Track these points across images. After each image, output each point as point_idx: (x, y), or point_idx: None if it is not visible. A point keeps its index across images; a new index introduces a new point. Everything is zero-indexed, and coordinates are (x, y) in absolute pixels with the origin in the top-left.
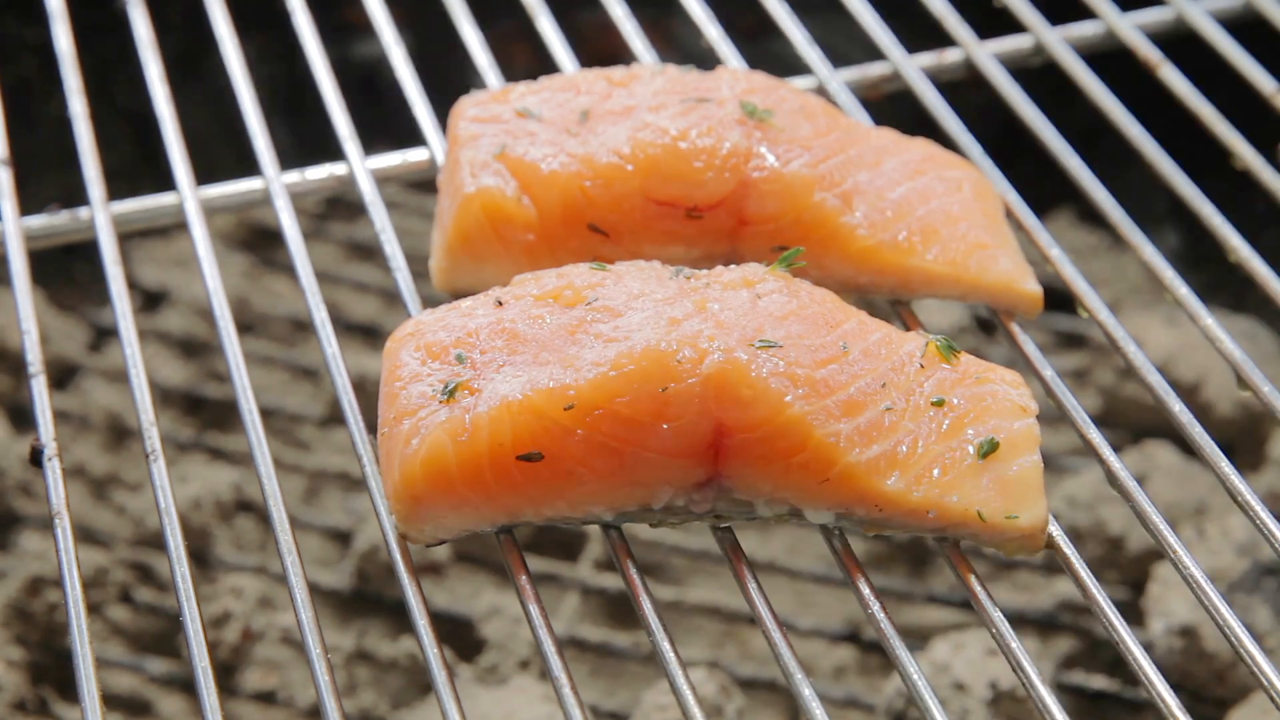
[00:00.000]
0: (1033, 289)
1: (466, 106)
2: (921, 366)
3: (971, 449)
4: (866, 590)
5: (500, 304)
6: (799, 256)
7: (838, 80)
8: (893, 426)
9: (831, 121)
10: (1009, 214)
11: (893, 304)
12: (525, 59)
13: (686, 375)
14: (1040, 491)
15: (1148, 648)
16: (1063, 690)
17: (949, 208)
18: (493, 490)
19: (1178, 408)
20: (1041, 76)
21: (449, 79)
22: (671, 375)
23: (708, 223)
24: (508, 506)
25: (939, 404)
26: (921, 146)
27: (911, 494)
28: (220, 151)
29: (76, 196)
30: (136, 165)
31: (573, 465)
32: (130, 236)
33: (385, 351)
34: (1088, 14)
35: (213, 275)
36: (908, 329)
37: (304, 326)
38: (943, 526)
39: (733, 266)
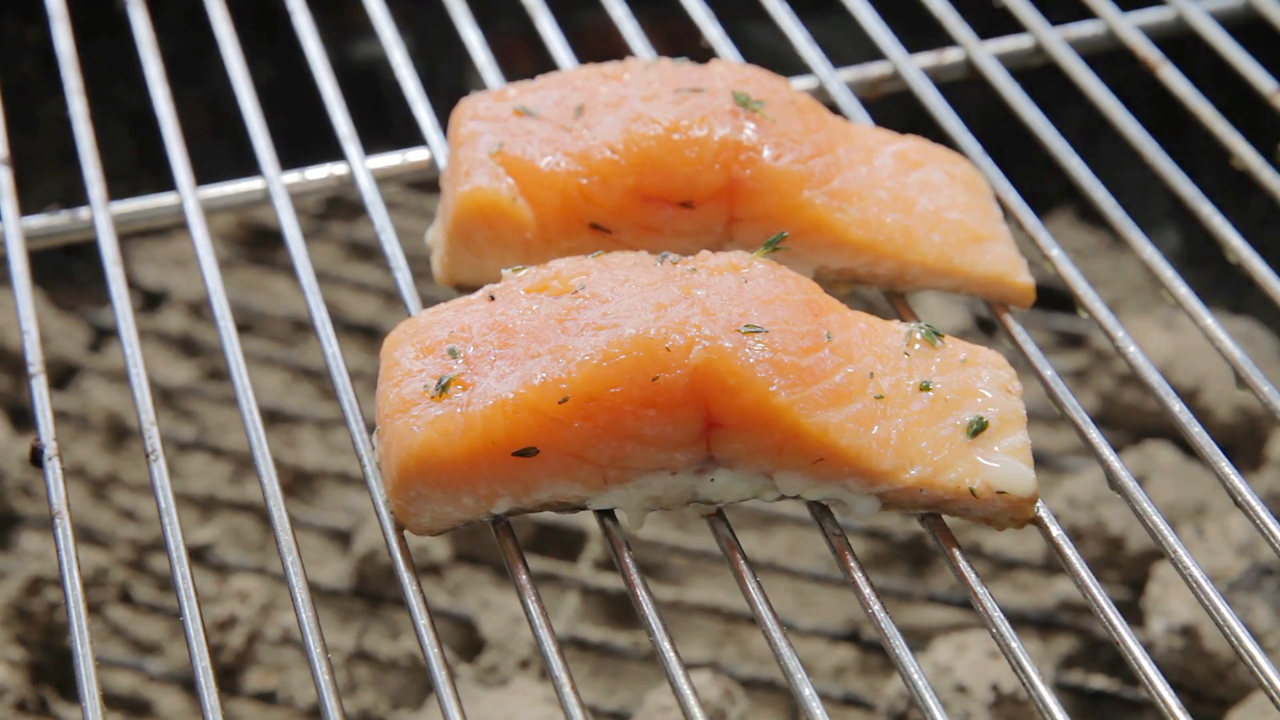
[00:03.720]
0: (1024, 280)
1: (468, 106)
2: (906, 354)
3: (960, 429)
4: (867, 590)
5: (492, 299)
6: (784, 241)
7: (838, 80)
8: (881, 412)
9: (820, 119)
10: (1007, 212)
11: (890, 300)
12: (525, 59)
13: (674, 365)
14: (1029, 464)
15: (1148, 648)
16: (1063, 690)
17: (940, 200)
18: (488, 483)
19: (1178, 408)
20: (1041, 76)
21: (449, 79)
22: (660, 364)
23: (702, 217)
24: (504, 496)
25: (925, 388)
26: (911, 142)
27: (904, 474)
28: (220, 151)
29: (76, 196)
30: (136, 165)
31: (568, 456)
32: (130, 236)
33: (382, 350)
34: (1088, 14)
35: (212, 275)
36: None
37: (304, 326)
38: (935, 503)
39: (719, 253)
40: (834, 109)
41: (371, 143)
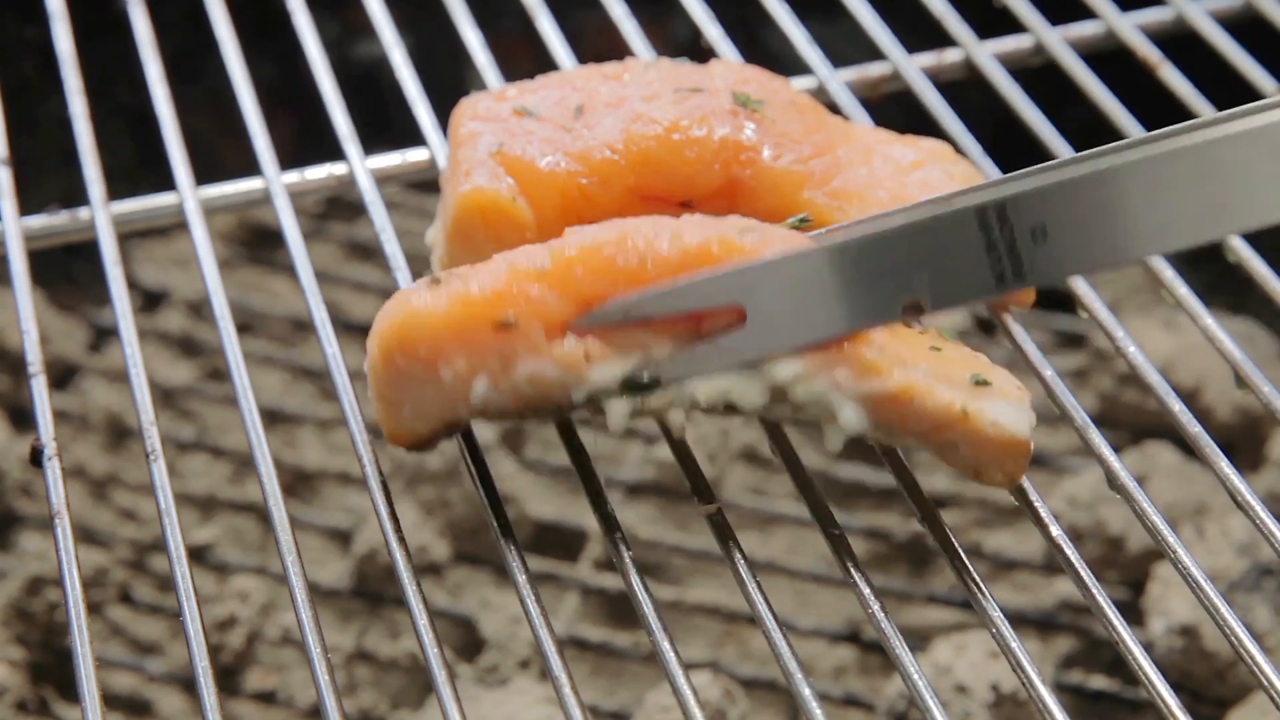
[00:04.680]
0: None
1: (468, 106)
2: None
3: (959, 364)
4: (866, 590)
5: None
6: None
7: (838, 80)
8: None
9: (820, 119)
10: None
11: None
12: (525, 59)
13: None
14: (1027, 408)
15: (1148, 648)
16: (1063, 690)
17: None
18: (466, 355)
19: (1178, 408)
20: (1041, 76)
21: (449, 79)
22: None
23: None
24: (482, 375)
25: (937, 349)
26: (912, 142)
27: (893, 373)
28: (220, 151)
29: (76, 196)
30: (136, 165)
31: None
32: (130, 236)
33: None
34: (1088, 14)
35: (212, 275)
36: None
37: (304, 326)
38: (924, 426)
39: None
40: (834, 109)
41: (371, 143)
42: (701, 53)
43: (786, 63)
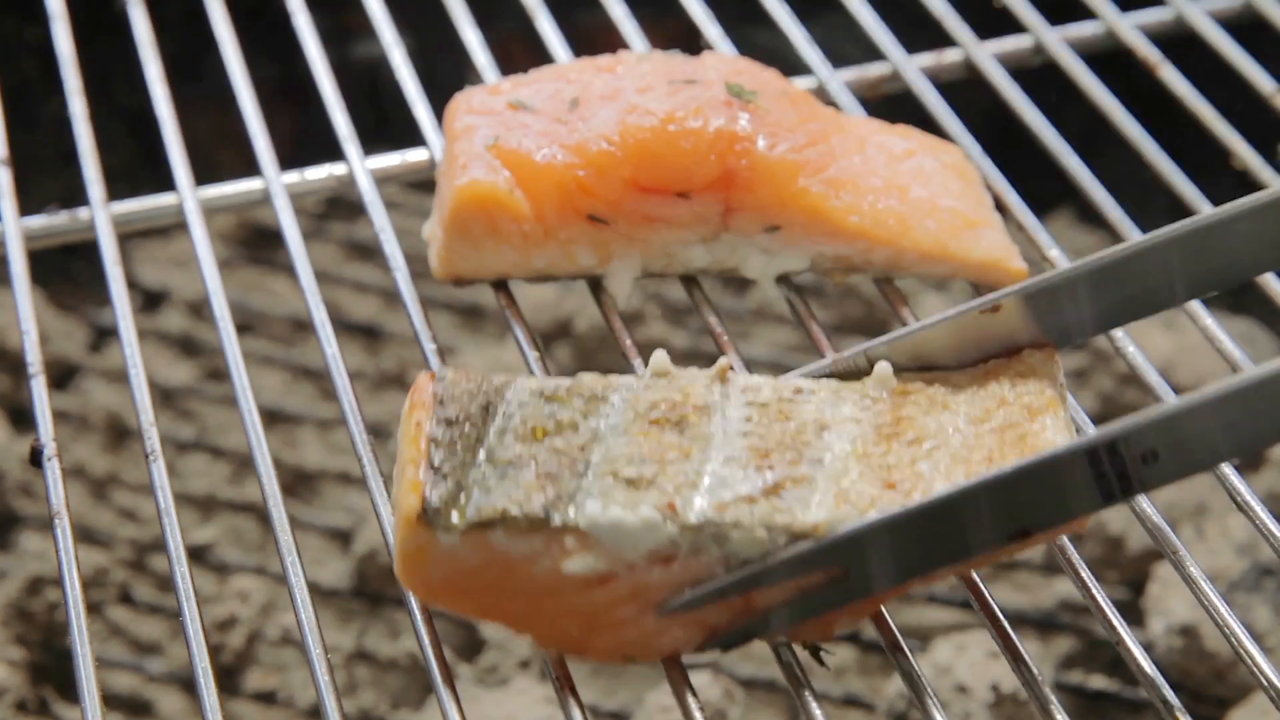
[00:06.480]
0: (1018, 265)
1: (462, 101)
2: None
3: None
4: None
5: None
6: (780, 229)
7: (838, 80)
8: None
9: (813, 109)
10: (1004, 210)
11: (881, 288)
12: (525, 59)
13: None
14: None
15: (1148, 648)
16: (1063, 690)
17: (933, 188)
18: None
19: None
20: (1041, 76)
21: (449, 79)
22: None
23: (698, 207)
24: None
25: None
26: (903, 131)
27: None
28: (220, 151)
29: (76, 196)
30: (136, 165)
31: None
32: (130, 236)
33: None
34: (1088, 14)
35: (212, 275)
36: (896, 313)
37: (304, 326)
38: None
39: None
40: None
41: (371, 143)
42: (696, 48)
43: (786, 63)
